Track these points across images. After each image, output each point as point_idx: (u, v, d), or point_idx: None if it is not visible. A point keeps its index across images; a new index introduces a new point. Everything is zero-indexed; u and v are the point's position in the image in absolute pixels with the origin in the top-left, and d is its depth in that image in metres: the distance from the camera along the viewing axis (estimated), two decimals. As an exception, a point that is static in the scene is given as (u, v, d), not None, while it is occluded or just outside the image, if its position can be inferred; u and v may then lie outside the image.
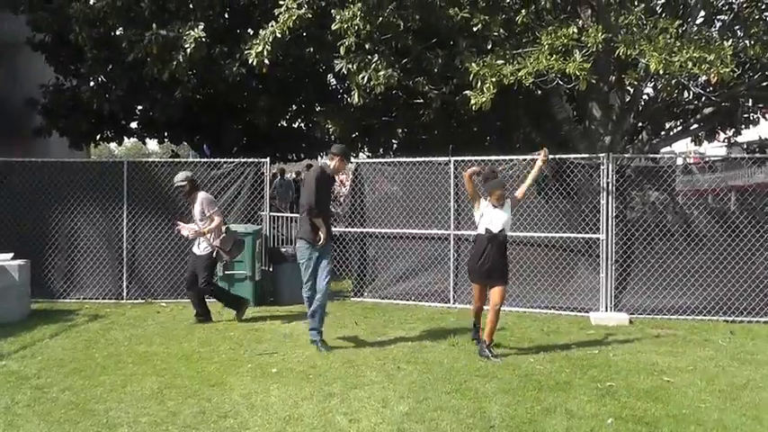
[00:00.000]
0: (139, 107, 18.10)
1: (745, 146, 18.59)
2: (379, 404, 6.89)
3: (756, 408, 6.87)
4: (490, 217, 8.68)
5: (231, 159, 13.23)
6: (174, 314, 11.54)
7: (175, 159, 14.81)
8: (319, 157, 21.25)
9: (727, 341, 9.70)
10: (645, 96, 14.98)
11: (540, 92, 13.30)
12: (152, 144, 51.94)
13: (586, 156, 11.86)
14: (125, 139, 20.00)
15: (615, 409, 6.74)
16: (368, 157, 20.00)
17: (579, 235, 11.55)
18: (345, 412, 6.67)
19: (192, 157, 21.51)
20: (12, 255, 11.47)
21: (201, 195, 10.87)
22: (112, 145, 26.92)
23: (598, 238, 11.37)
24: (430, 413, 6.67)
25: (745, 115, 15.78)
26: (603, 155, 11.42)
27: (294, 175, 27.17)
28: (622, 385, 7.53)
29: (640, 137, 14.58)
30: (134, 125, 19.31)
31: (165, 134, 19.79)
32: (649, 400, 7.00)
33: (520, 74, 10.17)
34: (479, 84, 10.52)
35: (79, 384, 7.62)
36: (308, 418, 6.54)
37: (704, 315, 10.98)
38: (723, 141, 17.82)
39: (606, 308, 11.31)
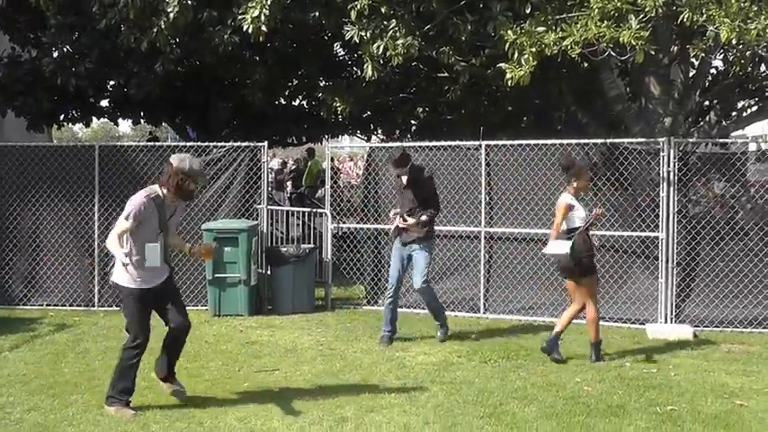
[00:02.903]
0: (112, 82, 18.16)
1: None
2: (400, 431, 6.99)
3: None
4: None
5: (222, 143, 13.37)
6: (155, 324, 11.64)
7: (155, 143, 14.93)
8: (324, 140, 21.30)
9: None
10: (713, 71, 15.02)
11: (587, 65, 13.36)
12: (124, 125, 52.32)
13: (643, 140, 11.94)
14: (93, 119, 20.13)
15: (679, 438, 6.84)
16: (382, 140, 20.11)
17: (634, 233, 11.63)
18: (361, 440, 6.80)
19: (170, 140, 21.69)
20: (-38, 254, 11.63)
21: None
22: (76, 127, 27.00)
23: (657, 237, 11.45)
24: (460, 441, 6.79)
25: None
26: (663, 139, 11.48)
27: (291, 163, 27.37)
28: (686, 410, 7.60)
29: (707, 118, 14.62)
30: (104, 103, 19.40)
31: (142, 114, 19.89)
32: (719, 428, 7.08)
33: (564, 43, 10.19)
34: (516, 55, 10.56)
35: (47, 404, 7.76)
36: (317, 447, 6.67)
37: (780, 326, 11.08)
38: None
39: (666, 319, 11.39)
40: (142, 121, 20.79)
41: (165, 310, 7.62)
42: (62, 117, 19.09)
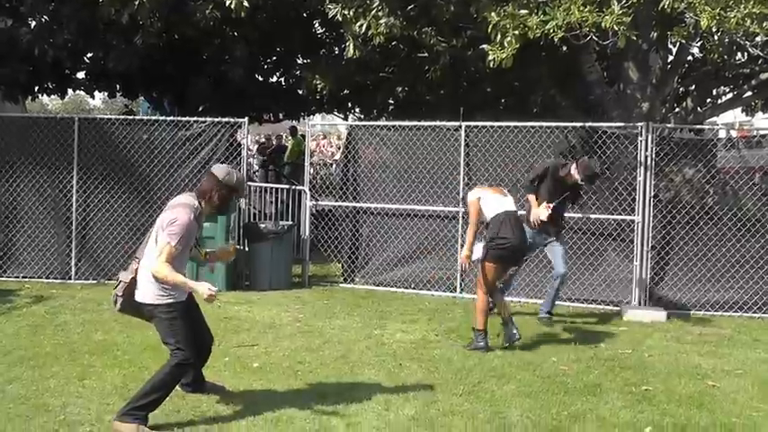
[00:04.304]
0: (89, 54, 18.08)
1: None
2: (381, 407, 7.07)
3: (817, 416, 7.13)
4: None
5: (203, 119, 13.35)
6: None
7: (134, 117, 14.91)
8: (302, 118, 21.31)
9: (780, 342, 10.04)
10: (690, 57, 15.16)
11: (566, 48, 13.44)
12: (96, 99, 51.82)
13: (621, 125, 12.07)
14: (69, 91, 20.02)
15: (654, 417, 6.97)
16: (360, 119, 20.13)
17: (611, 216, 11.76)
18: (342, 415, 6.83)
19: (141, 114, 21.59)
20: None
21: None
22: (45, 98, 26.74)
23: (633, 221, 11.60)
24: (440, 418, 6.86)
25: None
26: (642, 124, 11.60)
27: (263, 140, 27.31)
28: (661, 389, 7.77)
29: (684, 104, 14.77)
30: (81, 75, 19.29)
31: (118, 87, 19.79)
32: (693, 407, 7.24)
33: (547, 26, 10.23)
34: (499, 37, 10.60)
35: (28, 375, 7.77)
36: (299, 420, 6.69)
37: (754, 312, 11.30)
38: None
39: (640, 301, 11.56)
40: (118, 94, 20.71)
41: (194, 325, 6.85)
42: (37, 88, 18.98)
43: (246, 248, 13.15)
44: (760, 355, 9.29)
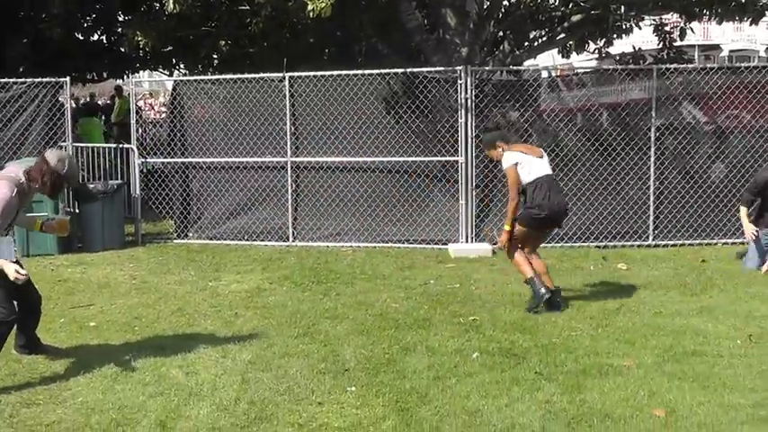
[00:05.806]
0: None
1: (617, 58, 19.64)
2: (219, 354, 7.16)
3: (628, 331, 7.62)
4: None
5: (23, 80, 12.94)
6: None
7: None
8: (125, 77, 20.87)
9: (599, 267, 10.68)
10: (506, 2, 15.62)
11: (386, -4, 13.65)
12: None
13: (441, 69, 12.39)
14: None
15: (480, 344, 7.31)
16: (184, 74, 19.91)
17: (435, 158, 12.14)
18: (180, 365, 6.87)
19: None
20: None
21: None
22: None
23: (456, 161, 12.00)
24: (276, 360, 7.00)
25: (617, 24, 16.66)
26: (461, 68, 11.96)
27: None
28: (487, 319, 8.15)
29: (501, 48, 15.25)
30: None
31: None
32: (516, 332, 7.62)
33: (364, -25, 10.45)
34: (318, -14, 10.71)
35: None
36: (137, 374, 6.71)
37: (575, 242, 11.98)
38: (593, 53, 18.76)
39: (467, 238, 12.03)
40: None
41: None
42: None
43: (77, 210, 12.92)
44: (579, 280, 9.85)
